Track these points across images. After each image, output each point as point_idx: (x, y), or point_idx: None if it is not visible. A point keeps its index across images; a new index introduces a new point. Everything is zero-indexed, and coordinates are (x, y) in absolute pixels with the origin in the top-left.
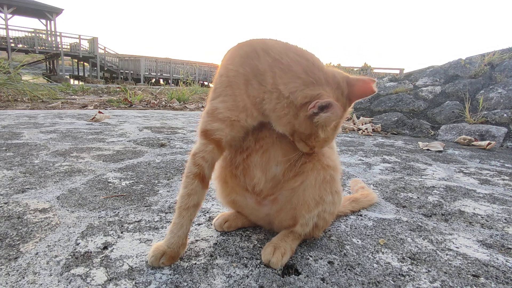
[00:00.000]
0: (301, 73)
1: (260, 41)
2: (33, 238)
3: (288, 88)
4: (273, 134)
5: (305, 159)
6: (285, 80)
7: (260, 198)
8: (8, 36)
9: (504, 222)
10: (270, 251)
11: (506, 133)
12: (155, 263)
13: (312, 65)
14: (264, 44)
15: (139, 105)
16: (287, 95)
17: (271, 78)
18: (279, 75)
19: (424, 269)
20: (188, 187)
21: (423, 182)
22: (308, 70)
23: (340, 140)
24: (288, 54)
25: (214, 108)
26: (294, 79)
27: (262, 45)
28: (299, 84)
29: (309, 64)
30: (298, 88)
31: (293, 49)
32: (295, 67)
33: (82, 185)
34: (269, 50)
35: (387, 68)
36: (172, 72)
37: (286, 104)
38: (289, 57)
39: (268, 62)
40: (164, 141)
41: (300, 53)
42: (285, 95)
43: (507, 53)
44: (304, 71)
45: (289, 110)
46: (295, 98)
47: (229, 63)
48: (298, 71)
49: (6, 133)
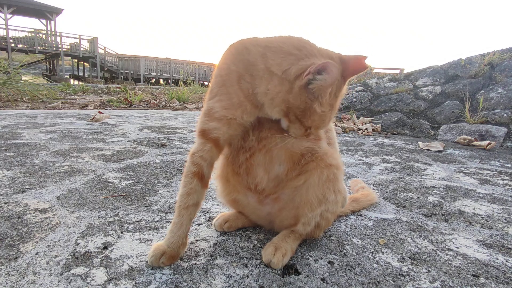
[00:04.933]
0: (293, 50)
1: (250, 39)
2: (33, 238)
3: (282, 66)
4: (275, 133)
5: (308, 158)
6: (278, 60)
7: (262, 196)
8: (8, 36)
9: (504, 222)
10: (271, 251)
11: (506, 133)
12: (155, 263)
13: (304, 43)
14: (254, 40)
15: (139, 105)
16: (280, 74)
17: (263, 63)
18: (271, 57)
19: (424, 269)
20: (187, 186)
21: (423, 182)
22: (301, 46)
23: (340, 140)
24: (278, 39)
25: (211, 108)
26: (287, 56)
27: (252, 41)
28: (292, 60)
29: (300, 43)
30: (292, 63)
31: (283, 36)
32: (286, 47)
33: (82, 185)
34: (259, 42)
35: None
36: (172, 72)
37: (278, 81)
38: (279, 41)
39: (259, 51)
40: (164, 141)
41: (289, 37)
42: (278, 74)
43: (507, 53)
44: (297, 48)
45: (281, 87)
46: (289, 74)
47: (222, 63)
48: (290, 49)
49: (6, 133)
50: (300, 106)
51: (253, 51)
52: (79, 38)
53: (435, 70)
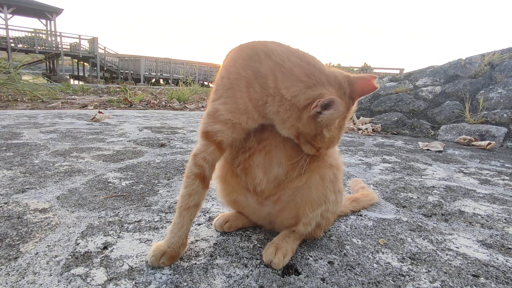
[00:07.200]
0: (302, 76)
1: (262, 44)
2: (33, 238)
3: (290, 92)
4: (276, 136)
5: (309, 158)
6: (287, 84)
7: (261, 198)
8: (8, 36)
9: (504, 222)
10: (271, 251)
11: (506, 133)
12: (155, 263)
13: (314, 67)
14: (266, 47)
15: (139, 105)
16: (289, 98)
17: (273, 82)
18: (281, 79)
19: (424, 269)
20: (189, 187)
21: (423, 182)
22: (310, 73)
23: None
24: (290, 57)
25: (216, 110)
26: (296, 82)
27: (264, 48)
28: (301, 88)
29: (311, 67)
30: (300, 91)
31: (294, 53)
32: (297, 71)
33: (82, 185)
34: (271, 53)
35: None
36: (172, 72)
37: (288, 106)
38: (290, 61)
39: (270, 66)
40: (164, 141)
41: (301, 56)
42: (287, 99)
43: (507, 53)
44: (306, 74)
45: (291, 113)
46: (298, 101)
47: (231, 65)
48: (299, 74)
49: (6, 133)
50: (310, 133)
51: (265, 62)
52: (79, 38)
53: (435, 70)
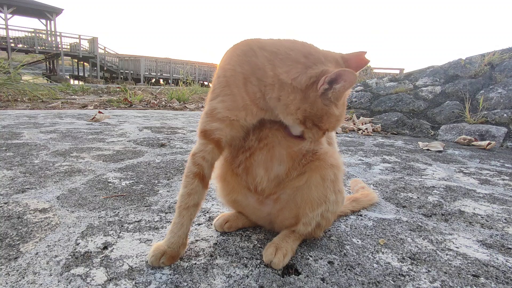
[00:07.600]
0: (300, 57)
1: (255, 40)
2: (33, 238)
3: (290, 75)
4: (276, 133)
5: (309, 158)
6: (286, 68)
7: (262, 197)
8: (8, 36)
9: (504, 222)
10: (272, 251)
11: (506, 133)
12: (155, 263)
13: (310, 48)
14: (259, 42)
15: (139, 105)
16: (290, 81)
17: (271, 70)
18: (279, 65)
19: (424, 269)
20: (188, 186)
21: (423, 182)
22: (307, 53)
23: (340, 140)
24: (284, 44)
25: (213, 108)
26: (295, 64)
27: (257, 43)
28: (300, 68)
29: (306, 48)
30: (301, 72)
31: (288, 41)
32: (293, 54)
33: (82, 185)
34: (265, 45)
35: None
36: (172, 72)
37: (290, 89)
38: (285, 47)
39: (266, 56)
40: (164, 141)
41: (294, 42)
42: (287, 83)
43: (507, 53)
44: (303, 55)
45: (295, 96)
46: (299, 82)
47: (226, 63)
48: (297, 56)
49: (6, 133)
50: (317, 113)
51: (260, 54)
52: (79, 38)
53: (435, 70)
